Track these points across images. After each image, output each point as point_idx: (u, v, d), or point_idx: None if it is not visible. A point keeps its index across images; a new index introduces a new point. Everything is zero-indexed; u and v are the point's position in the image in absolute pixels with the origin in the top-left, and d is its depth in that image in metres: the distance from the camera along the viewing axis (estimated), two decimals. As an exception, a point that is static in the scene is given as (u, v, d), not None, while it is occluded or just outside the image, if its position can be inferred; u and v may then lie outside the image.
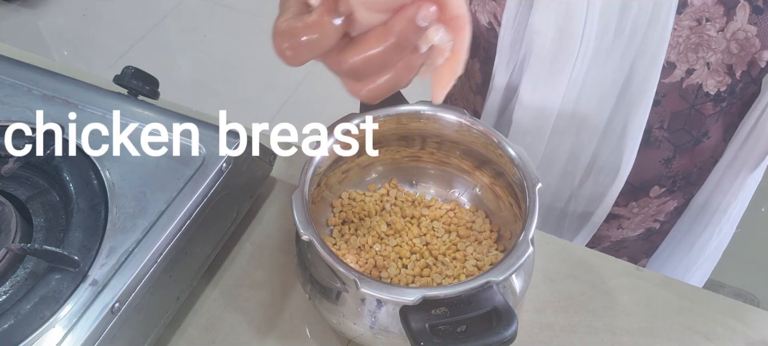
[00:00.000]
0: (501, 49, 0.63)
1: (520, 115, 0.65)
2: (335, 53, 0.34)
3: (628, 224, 0.74)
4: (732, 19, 0.54)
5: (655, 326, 0.57)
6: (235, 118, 0.62)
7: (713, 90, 0.59)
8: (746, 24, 0.54)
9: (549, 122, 0.64)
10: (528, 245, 0.46)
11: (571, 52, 0.58)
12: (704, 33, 0.55)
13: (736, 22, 0.54)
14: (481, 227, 0.58)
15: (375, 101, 0.36)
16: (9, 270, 0.49)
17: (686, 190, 0.70)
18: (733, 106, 0.62)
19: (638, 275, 0.61)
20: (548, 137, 0.66)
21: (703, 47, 0.56)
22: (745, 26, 0.54)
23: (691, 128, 0.63)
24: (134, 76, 0.62)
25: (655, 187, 0.69)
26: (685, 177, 0.69)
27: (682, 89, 0.59)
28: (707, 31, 0.55)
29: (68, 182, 0.54)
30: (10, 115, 0.59)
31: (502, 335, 0.41)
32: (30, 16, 2.36)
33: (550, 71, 0.60)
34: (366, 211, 0.59)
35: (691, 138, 0.64)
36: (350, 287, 0.47)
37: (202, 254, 0.57)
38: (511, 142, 0.53)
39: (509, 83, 0.66)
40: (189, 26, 2.35)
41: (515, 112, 0.65)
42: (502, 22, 0.61)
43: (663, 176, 0.68)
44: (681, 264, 0.77)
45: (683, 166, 0.67)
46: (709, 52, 0.56)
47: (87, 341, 0.45)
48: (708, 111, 0.61)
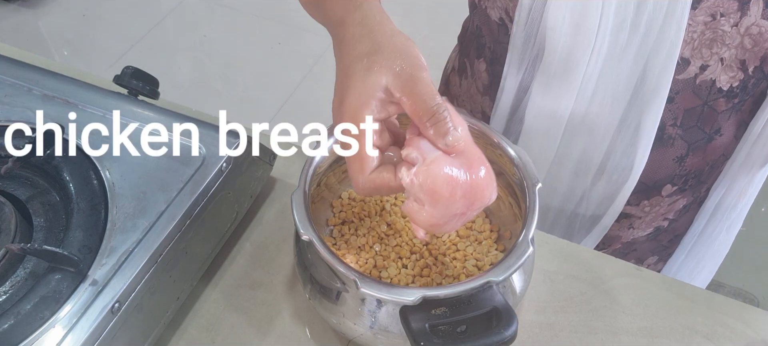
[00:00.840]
0: (513, 47, 0.62)
1: (532, 116, 0.64)
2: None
3: (639, 223, 0.74)
4: (746, 14, 0.54)
5: (655, 326, 0.57)
6: (235, 118, 0.62)
7: (726, 86, 0.59)
8: (760, 19, 0.54)
9: (562, 123, 0.64)
10: (528, 245, 0.46)
11: (585, 48, 0.57)
12: (718, 28, 0.55)
13: (750, 17, 0.54)
14: (481, 227, 0.58)
15: None
16: (9, 270, 0.49)
17: (696, 188, 0.70)
18: (745, 103, 0.62)
19: (638, 275, 0.61)
20: (560, 138, 0.65)
21: (717, 43, 0.56)
22: (759, 21, 0.54)
23: (704, 125, 0.63)
24: (134, 76, 0.62)
25: (667, 185, 0.69)
26: (697, 175, 0.68)
27: (695, 86, 0.59)
28: (721, 26, 0.55)
29: (68, 181, 0.54)
30: (10, 115, 0.59)
31: (502, 335, 0.41)
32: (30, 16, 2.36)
33: (564, 70, 0.60)
34: (366, 211, 0.59)
35: (705, 135, 0.64)
36: (350, 287, 0.47)
37: (202, 254, 0.57)
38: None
39: (521, 83, 0.65)
40: (189, 26, 2.35)
41: (527, 112, 0.65)
42: (515, 19, 0.60)
43: (676, 175, 0.68)
44: (699, 264, 0.77)
45: (696, 164, 0.67)
46: (723, 47, 0.56)
47: (87, 341, 0.45)
48: (720, 107, 0.61)
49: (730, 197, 0.70)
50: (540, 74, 0.61)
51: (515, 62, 0.64)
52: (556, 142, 0.66)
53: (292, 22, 2.28)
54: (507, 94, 0.66)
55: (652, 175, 0.67)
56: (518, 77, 0.65)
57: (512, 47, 0.62)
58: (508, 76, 0.65)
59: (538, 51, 0.61)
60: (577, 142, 0.65)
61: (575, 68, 0.59)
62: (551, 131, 0.65)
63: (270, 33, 2.29)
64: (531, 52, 0.62)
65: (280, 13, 2.33)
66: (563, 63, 0.59)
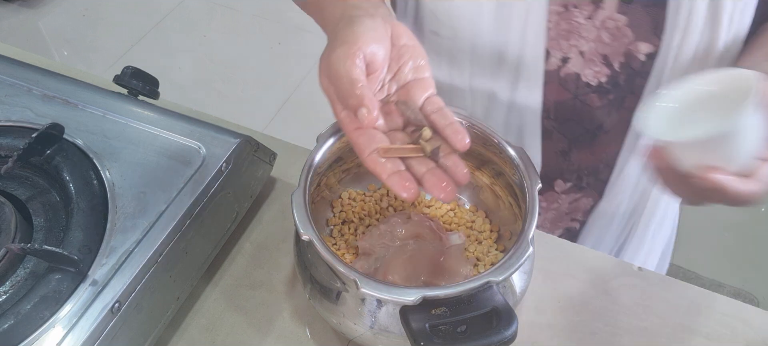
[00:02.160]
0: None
1: None
2: None
3: (540, 221, 0.73)
4: (600, 7, 0.54)
5: (655, 326, 0.57)
6: (235, 118, 0.62)
7: (594, 81, 0.59)
8: (615, 13, 0.53)
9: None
10: (528, 245, 0.46)
11: (470, 21, 0.58)
12: (572, 19, 0.55)
13: (605, 11, 0.54)
14: (481, 227, 0.58)
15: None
16: (9, 270, 0.49)
17: (598, 186, 0.69)
18: (626, 100, 0.61)
19: (638, 275, 0.61)
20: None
21: (574, 35, 0.56)
22: (614, 15, 0.54)
23: (581, 120, 0.62)
24: (134, 76, 0.62)
25: (559, 180, 0.69)
26: (593, 173, 0.68)
27: (560, 78, 0.59)
28: (575, 17, 0.55)
29: (68, 181, 0.54)
30: (10, 115, 0.59)
31: (502, 335, 0.41)
32: (30, 16, 2.35)
33: (453, 40, 0.60)
34: (366, 211, 0.59)
35: (584, 130, 0.63)
36: (350, 287, 0.47)
37: (202, 254, 0.57)
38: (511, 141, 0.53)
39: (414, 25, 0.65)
40: (189, 26, 2.35)
41: None
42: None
43: (565, 169, 0.67)
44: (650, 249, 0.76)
45: (584, 159, 0.66)
46: (580, 40, 0.56)
47: (87, 341, 0.45)
48: (594, 103, 0.61)
49: (644, 199, 0.69)
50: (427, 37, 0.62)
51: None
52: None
53: (292, 22, 2.28)
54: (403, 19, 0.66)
55: (540, 169, 0.67)
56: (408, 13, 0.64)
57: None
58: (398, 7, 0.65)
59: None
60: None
61: (463, 40, 0.59)
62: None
63: (270, 33, 2.29)
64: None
65: (280, 13, 2.33)
66: (451, 34, 0.59)
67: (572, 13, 0.54)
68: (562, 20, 0.55)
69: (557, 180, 0.69)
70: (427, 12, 0.60)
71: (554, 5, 0.54)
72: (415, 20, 0.62)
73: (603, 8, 0.54)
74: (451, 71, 0.63)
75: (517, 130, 0.64)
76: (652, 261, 0.78)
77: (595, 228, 0.73)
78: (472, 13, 0.57)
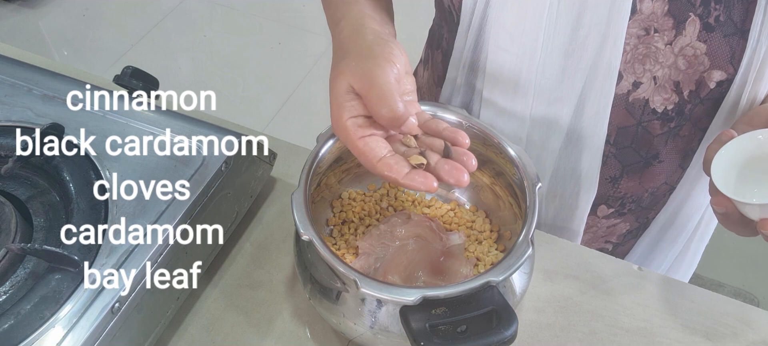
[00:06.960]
0: (458, 42, 0.61)
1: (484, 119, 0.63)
2: None
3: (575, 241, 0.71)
4: (681, 34, 0.52)
5: (655, 326, 0.57)
6: (235, 118, 0.62)
7: (660, 107, 0.57)
8: (695, 40, 0.52)
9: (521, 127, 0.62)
10: (528, 245, 0.46)
11: (530, 68, 0.57)
12: (652, 44, 0.53)
13: (685, 37, 0.52)
14: (481, 227, 0.58)
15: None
16: (9, 270, 0.49)
17: (639, 214, 0.68)
18: (683, 129, 0.59)
19: (638, 275, 0.61)
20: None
21: (650, 59, 0.54)
22: (694, 43, 0.52)
23: (639, 147, 0.61)
24: (134, 76, 0.62)
25: (602, 206, 0.67)
26: (636, 201, 0.67)
27: (628, 103, 0.57)
28: (655, 42, 0.53)
29: (68, 181, 0.54)
30: (10, 115, 0.59)
31: (502, 335, 0.41)
32: (30, 16, 2.35)
33: (514, 85, 0.59)
34: (366, 211, 0.59)
35: (640, 158, 0.62)
36: (350, 287, 0.47)
37: (202, 254, 0.57)
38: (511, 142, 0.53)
39: (467, 82, 0.64)
40: (189, 26, 2.35)
41: (482, 115, 0.64)
42: (462, 12, 0.59)
43: (610, 196, 0.66)
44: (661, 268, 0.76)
45: (631, 188, 0.65)
46: (656, 65, 0.54)
47: (87, 341, 0.45)
48: (655, 130, 0.59)
49: (682, 218, 0.69)
50: (488, 83, 0.61)
51: (455, 62, 0.63)
52: None
53: (292, 22, 2.28)
54: (448, 86, 0.66)
55: None
56: (463, 75, 0.63)
57: (458, 42, 0.61)
58: (451, 69, 0.64)
59: (481, 56, 0.60)
60: (530, 151, 0.64)
61: (524, 85, 0.58)
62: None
63: (270, 33, 2.29)
64: (474, 54, 0.61)
65: (280, 13, 2.33)
66: (512, 80, 0.58)
67: (652, 37, 0.53)
68: (640, 44, 0.53)
69: (601, 206, 0.67)
70: (493, 25, 0.57)
71: (635, 28, 0.53)
72: (479, 34, 0.59)
73: (684, 35, 0.52)
74: (514, 95, 0.60)
75: (575, 157, 0.62)
76: (683, 271, 0.77)
77: (625, 249, 0.73)
78: (546, 27, 0.54)
